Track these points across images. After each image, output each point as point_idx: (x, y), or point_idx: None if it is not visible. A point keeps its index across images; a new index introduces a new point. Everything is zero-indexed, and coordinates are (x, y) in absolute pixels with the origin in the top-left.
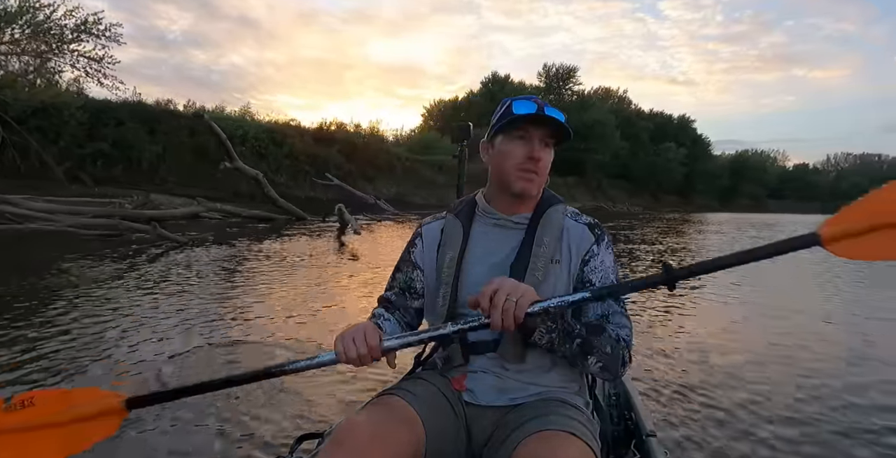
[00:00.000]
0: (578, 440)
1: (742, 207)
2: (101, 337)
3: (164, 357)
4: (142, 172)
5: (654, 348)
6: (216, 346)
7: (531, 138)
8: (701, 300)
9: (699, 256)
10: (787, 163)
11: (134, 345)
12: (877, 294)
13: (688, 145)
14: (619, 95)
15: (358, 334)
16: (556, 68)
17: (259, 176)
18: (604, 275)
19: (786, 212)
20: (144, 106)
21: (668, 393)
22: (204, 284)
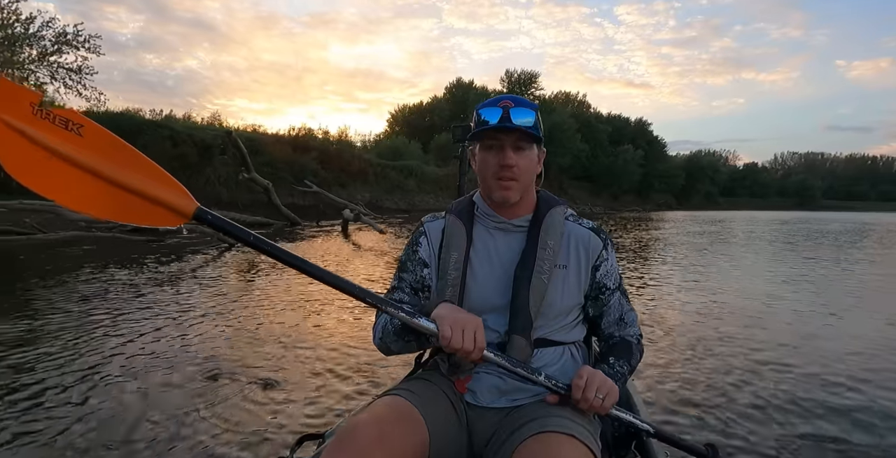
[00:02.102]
0: (578, 441)
1: (697, 205)
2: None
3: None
4: None
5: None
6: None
7: (502, 146)
8: (700, 294)
9: (670, 245)
10: (737, 162)
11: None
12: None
13: (644, 147)
14: (579, 100)
15: (469, 328)
16: (517, 74)
17: (269, 186)
18: (615, 277)
19: (738, 209)
20: (125, 117)
21: (667, 393)
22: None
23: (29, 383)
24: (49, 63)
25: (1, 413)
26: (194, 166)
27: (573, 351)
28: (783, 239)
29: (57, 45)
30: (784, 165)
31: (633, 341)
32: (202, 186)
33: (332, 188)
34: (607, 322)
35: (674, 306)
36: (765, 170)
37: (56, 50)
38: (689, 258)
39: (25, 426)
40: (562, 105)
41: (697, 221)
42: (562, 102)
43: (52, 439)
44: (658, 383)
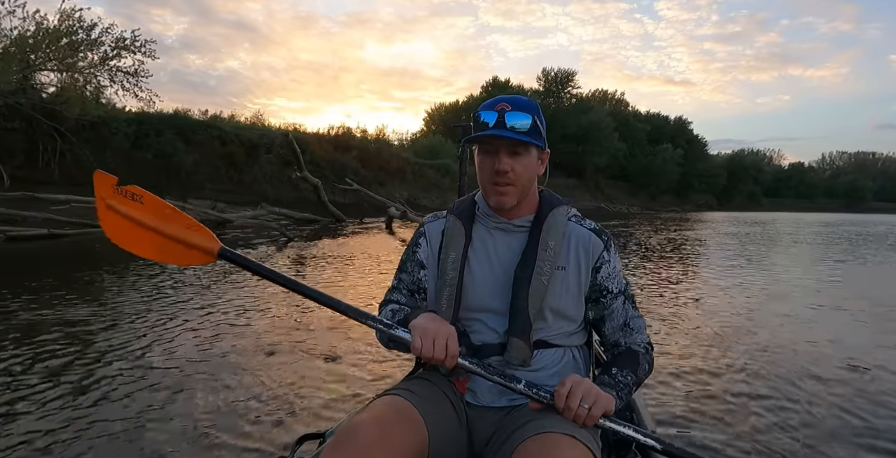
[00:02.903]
0: (578, 442)
1: (739, 206)
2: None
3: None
4: (180, 180)
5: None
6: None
7: (497, 151)
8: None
9: (702, 246)
10: (782, 162)
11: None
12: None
13: (684, 146)
14: (617, 98)
15: (440, 338)
16: (554, 72)
17: (318, 184)
18: (618, 280)
19: (782, 210)
20: (180, 118)
21: (668, 394)
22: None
23: (108, 355)
24: (109, 67)
25: (99, 372)
26: (242, 165)
27: (574, 354)
28: (821, 242)
29: (116, 50)
30: (832, 164)
31: (641, 351)
32: (250, 184)
33: (371, 186)
34: (611, 328)
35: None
36: (811, 170)
37: (115, 54)
38: (708, 260)
39: (116, 382)
40: (599, 103)
41: (737, 222)
42: (599, 100)
43: (127, 395)
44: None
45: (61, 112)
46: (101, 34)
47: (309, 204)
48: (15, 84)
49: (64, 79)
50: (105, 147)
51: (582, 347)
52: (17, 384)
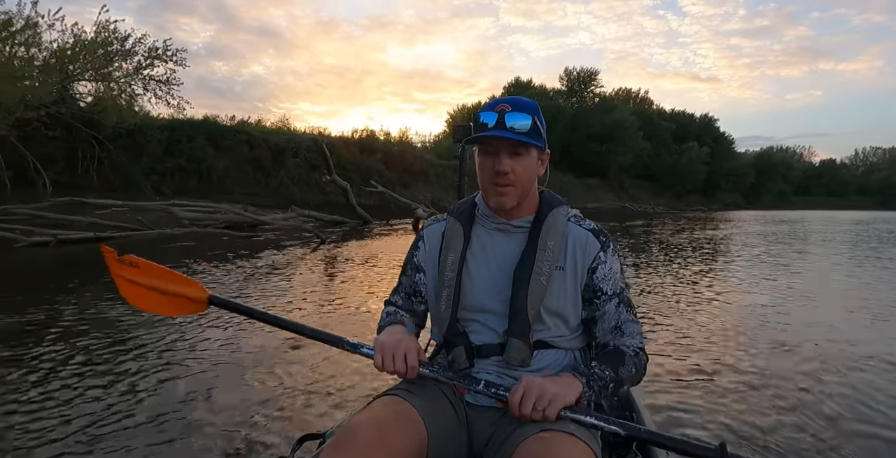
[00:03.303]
0: (579, 440)
1: (768, 205)
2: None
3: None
4: (211, 184)
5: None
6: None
7: (497, 151)
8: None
9: (723, 245)
10: (813, 159)
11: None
12: None
13: (710, 144)
14: (641, 96)
15: (399, 352)
16: (577, 72)
17: (347, 187)
18: (614, 282)
19: (812, 208)
20: (209, 124)
21: (668, 394)
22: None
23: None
24: (142, 76)
25: (146, 357)
26: (269, 168)
27: (575, 356)
28: (850, 240)
29: (149, 59)
30: (866, 161)
31: (629, 352)
32: (277, 187)
33: (395, 188)
34: (602, 329)
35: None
36: (844, 167)
37: (148, 64)
38: (727, 259)
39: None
40: (623, 102)
41: (764, 221)
42: (623, 98)
43: (152, 388)
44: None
45: (99, 120)
46: (134, 44)
47: (335, 206)
48: (55, 94)
49: (100, 88)
50: (140, 154)
51: (583, 349)
52: (54, 376)
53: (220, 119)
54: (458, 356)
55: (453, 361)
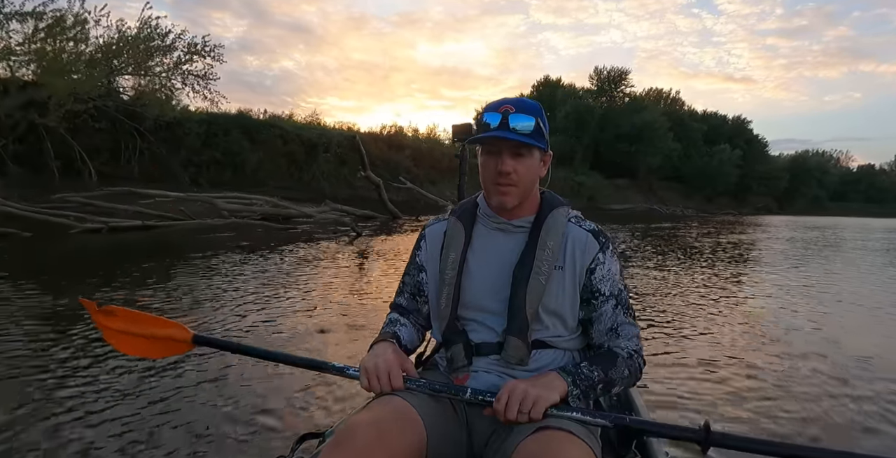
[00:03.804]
0: (578, 439)
1: (801, 210)
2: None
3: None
4: (246, 177)
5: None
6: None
7: (499, 152)
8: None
9: (750, 250)
10: (850, 163)
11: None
12: None
13: (743, 146)
14: (672, 97)
15: (382, 371)
16: (607, 71)
17: (380, 183)
18: (612, 283)
19: (848, 215)
20: (245, 118)
21: (669, 394)
22: None
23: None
24: (181, 71)
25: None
26: (301, 163)
27: (574, 357)
28: (881, 249)
29: (188, 54)
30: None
31: (623, 354)
32: (308, 181)
33: (423, 185)
34: (598, 330)
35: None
36: (883, 172)
37: (188, 59)
38: (749, 265)
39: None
40: (653, 102)
41: (795, 226)
42: (653, 99)
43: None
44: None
45: (141, 113)
46: (174, 40)
47: (362, 201)
48: (102, 88)
49: (142, 82)
50: (179, 146)
51: (582, 351)
52: (96, 361)
53: (252, 113)
54: (456, 354)
55: (452, 359)
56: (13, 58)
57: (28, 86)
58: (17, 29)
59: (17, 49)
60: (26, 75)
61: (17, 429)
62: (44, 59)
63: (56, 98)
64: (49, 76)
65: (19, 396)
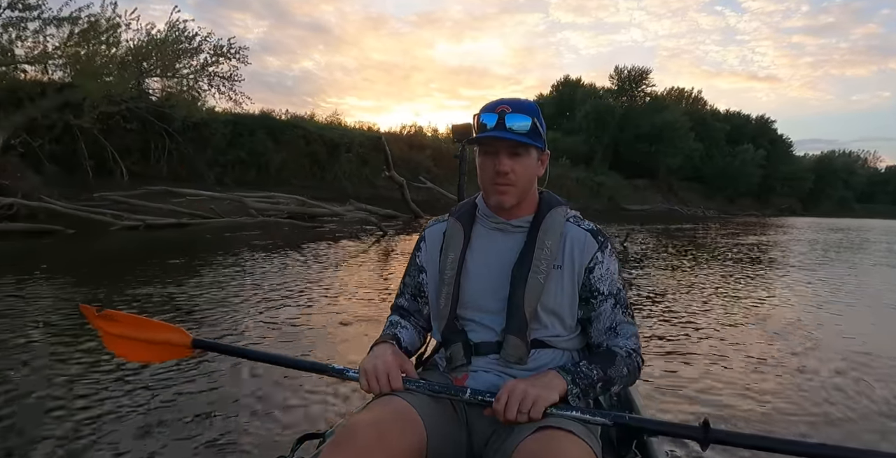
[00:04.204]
0: (578, 438)
1: (827, 212)
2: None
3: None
4: (270, 177)
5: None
6: None
7: (497, 152)
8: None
9: (767, 252)
10: (878, 164)
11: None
12: None
13: (766, 146)
14: (694, 96)
15: (381, 373)
16: (628, 70)
17: (403, 183)
18: (611, 282)
19: (875, 217)
20: (269, 118)
21: (671, 394)
22: None
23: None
24: (208, 73)
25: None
26: (324, 162)
27: (573, 356)
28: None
29: (214, 56)
30: None
31: (621, 353)
32: (331, 181)
33: (443, 185)
34: (597, 330)
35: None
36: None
37: (214, 61)
38: (765, 267)
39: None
40: (675, 102)
41: (818, 228)
42: (675, 98)
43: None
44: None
45: (170, 114)
46: (200, 43)
47: (383, 200)
48: (133, 91)
49: (169, 84)
50: (206, 146)
51: (581, 351)
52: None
53: (275, 113)
54: (455, 354)
55: (451, 358)
56: (49, 61)
57: (64, 88)
58: (54, 33)
59: (53, 53)
60: (62, 78)
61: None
62: (78, 63)
63: (90, 100)
64: (83, 79)
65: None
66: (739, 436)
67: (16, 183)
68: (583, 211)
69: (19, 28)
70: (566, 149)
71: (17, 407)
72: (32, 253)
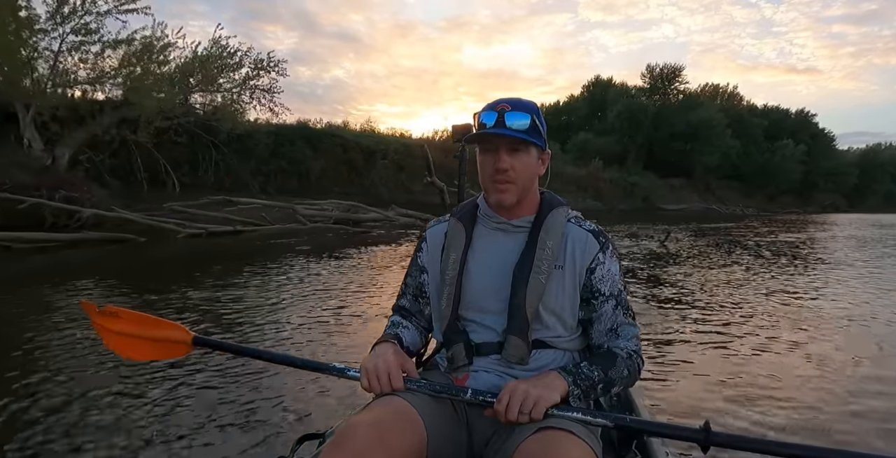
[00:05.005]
0: (579, 439)
1: (873, 208)
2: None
3: None
4: (310, 184)
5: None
6: None
7: (497, 149)
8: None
9: (805, 249)
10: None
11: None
12: None
13: (807, 141)
14: (729, 92)
15: (382, 372)
16: (660, 68)
17: (444, 188)
18: (612, 283)
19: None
20: (307, 128)
21: (670, 394)
22: None
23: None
24: (249, 86)
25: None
26: (361, 169)
27: (574, 357)
28: None
29: (255, 70)
30: None
31: (622, 354)
32: (368, 187)
33: (476, 188)
34: (598, 331)
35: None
36: None
37: (255, 75)
38: (799, 264)
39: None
40: (709, 99)
41: (862, 224)
42: (709, 95)
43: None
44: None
45: (216, 127)
46: (241, 57)
47: (420, 205)
48: (183, 106)
49: (214, 99)
50: (249, 156)
51: (582, 352)
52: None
53: (311, 123)
54: (457, 354)
55: (453, 358)
56: (108, 81)
57: (121, 105)
58: (111, 54)
59: (111, 73)
60: (117, 96)
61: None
62: (133, 81)
63: (145, 116)
64: (138, 96)
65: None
66: (741, 439)
67: (84, 196)
68: (610, 212)
69: (81, 51)
70: (598, 149)
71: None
72: (109, 258)
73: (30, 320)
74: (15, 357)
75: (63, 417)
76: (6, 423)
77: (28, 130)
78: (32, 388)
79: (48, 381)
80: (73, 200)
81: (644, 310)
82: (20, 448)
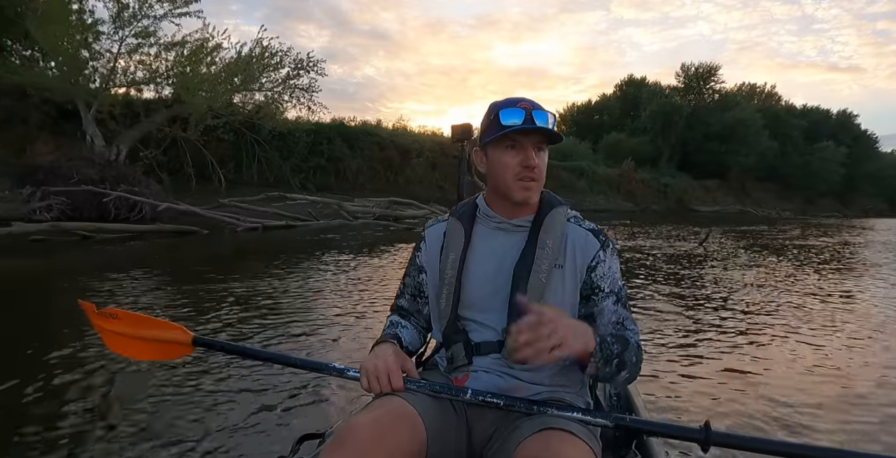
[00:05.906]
0: (579, 439)
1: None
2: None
3: None
4: (347, 182)
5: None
6: None
7: (524, 147)
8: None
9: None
10: None
11: None
12: None
13: (849, 143)
14: (767, 92)
15: (382, 375)
16: (695, 67)
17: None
18: (612, 281)
19: None
20: (345, 126)
21: (671, 394)
22: None
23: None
24: (290, 85)
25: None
26: (396, 167)
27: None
28: None
29: (296, 70)
30: None
31: (632, 341)
32: (403, 185)
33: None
34: (603, 324)
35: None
36: None
37: (295, 75)
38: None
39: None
40: (746, 98)
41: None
42: (746, 94)
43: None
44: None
45: (259, 125)
46: (282, 58)
47: (450, 202)
48: (230, 105)
49: (258, 97)
50: (290, 154)
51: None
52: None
53: (345, 120)
54: (457, 354)
55: (452, 358)
56: (160, 81)
57: (173, 104)
58: (164, 55)
59: (164, 73)
60: (168, 95)
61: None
62: (185, 81)
63: (195, 115)
64: (189, 95)
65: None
66: (740, 439)
67: (143, 190)
68: (643, 212)
69: (139, 53)
70: (631, 150)
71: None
72: (177, 249)
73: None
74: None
75: (63, 417)
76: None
77: (90, 126)
78: (32, 389)
79: (47, 381)
80: (134, 193)
81: (668, 309)
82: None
